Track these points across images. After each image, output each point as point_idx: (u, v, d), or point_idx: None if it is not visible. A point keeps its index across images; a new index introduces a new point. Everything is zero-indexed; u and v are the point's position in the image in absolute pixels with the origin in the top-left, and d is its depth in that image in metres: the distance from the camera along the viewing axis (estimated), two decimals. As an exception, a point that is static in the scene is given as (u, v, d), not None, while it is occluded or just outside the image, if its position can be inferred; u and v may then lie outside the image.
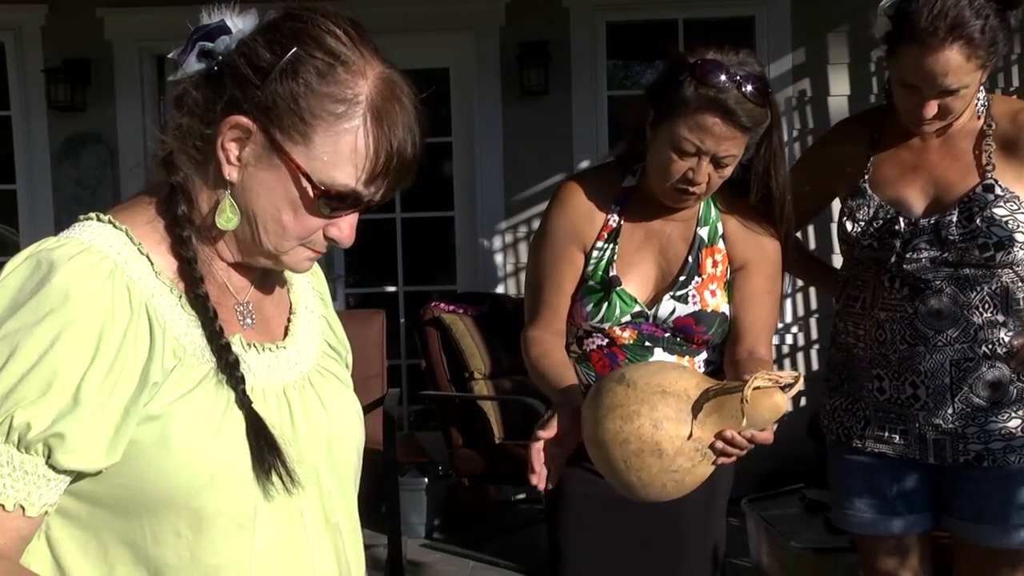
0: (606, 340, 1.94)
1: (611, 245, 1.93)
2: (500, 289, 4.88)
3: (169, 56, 1.06)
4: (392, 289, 5.31)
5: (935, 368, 1.98)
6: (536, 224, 4.74)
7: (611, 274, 1.91)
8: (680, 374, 1.55)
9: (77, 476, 0.95)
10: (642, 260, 1.94)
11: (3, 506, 0.90)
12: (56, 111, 4.79)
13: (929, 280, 1.97)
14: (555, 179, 4.57)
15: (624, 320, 1.91)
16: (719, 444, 1.52)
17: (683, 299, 1.90)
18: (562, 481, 1.75)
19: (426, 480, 4.45)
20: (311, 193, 1.02)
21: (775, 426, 1.57)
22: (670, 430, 1.49)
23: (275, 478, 1.02)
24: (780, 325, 4.79)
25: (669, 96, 1.78)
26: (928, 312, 1.97)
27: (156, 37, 4.83)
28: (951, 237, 1.95)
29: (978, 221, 1.93)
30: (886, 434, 2.07)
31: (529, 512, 4.66)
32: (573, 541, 1.98)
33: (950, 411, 1.99)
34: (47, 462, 0.91)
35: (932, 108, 1.91)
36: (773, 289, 1.95)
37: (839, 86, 4.76)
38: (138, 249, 1.01)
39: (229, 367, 1.02)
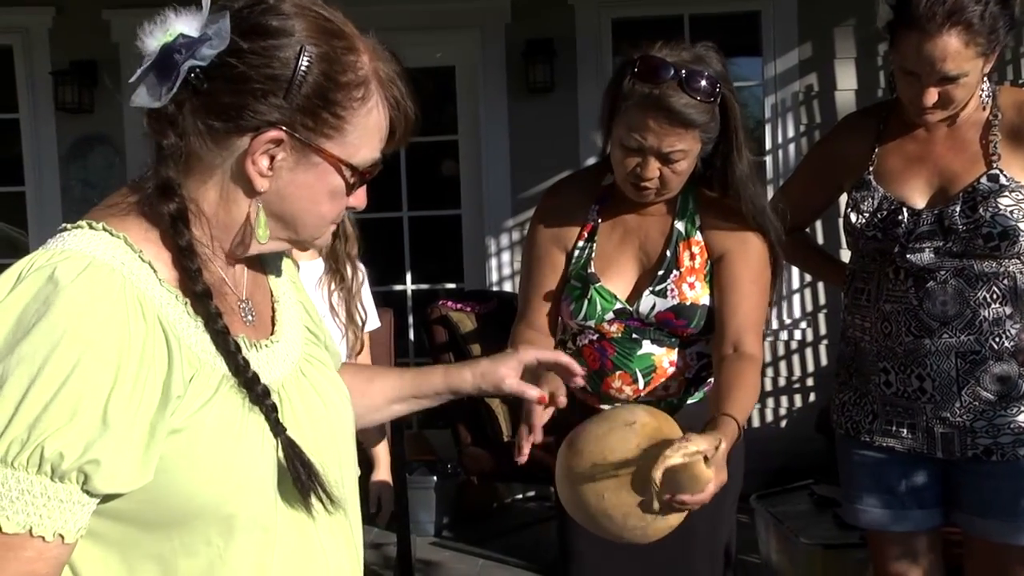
0: (596, 335, 1.97)
1: (590, 244, 1.98)
2: (508, 287, 4.88)
3: (132, 81, 1.00)
4: (400, 287, 5.31)
5: (941, 361, 1.97)
6: (543, 221, 4.74)
7: (590, 271, 1.95)
8: (623, 436, 1.59)
9: (105, 497, 0.92)
10: (622, 256, 1.96)
11: (43, 537, 0.88)
12: (64, 113, 4.79)
13: (934, 271, 1.96)
14: (562, 176, 4.55)
15: (608, 317, 1.93)
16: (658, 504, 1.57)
17: (662, 293, 1.91)
18: None
19: (435, 478, 4.46)
20: (350, 178, 1.04)
21: (716, 483, 1.60)
22: (612, 499, 1.56)
23: (313, 499, 1.03)
24: (788, 321, 4.78)
25: (615, 94, 1.82)
26: (933, 304, 1.97)
27: (162, 38, 4.84)
28: (955, 227, 1.94)
29: (982, 211, 1.93)
30: (893, 428, 2.06)
31: (538, 510, 4.65)
32: (583, 539, 1.98)
33: (957, 404, 1.98)
34: (82, 488, 0.89)
35: (932, 96, 1.91)
36: (756, 279, 1.92)
37: (846, 80, 4.74)
38: (139, 257, 0.98)
39: (255, 392, 1.00)
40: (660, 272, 1.92)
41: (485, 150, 4.87)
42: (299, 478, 1.01)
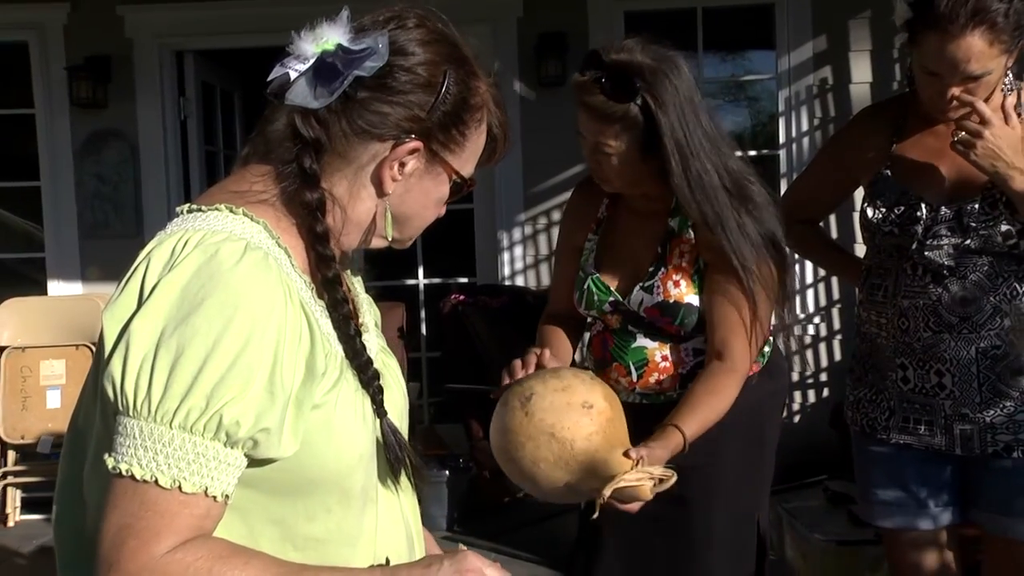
0: (602, 326, 2.03)
1: (596, 237, 2.05)
2: (520, 281, 4.88)
3: (272, 78, 1.09)
4: (412, 282, 5.31)
5: (961, 356, 1.96)
6: (555, 216, 4.73)
7: (587, 263, 2.02)
8: (578, 419, 1.58)
9: (251, 462, 1.00)
10: (620, 250, 2.01)
11: (214, 497, 0.96)
12: (78, 108, 4.82)
13: (953, 267, 1.95)
14: (574, 171, 4.55)
15: (605, 308, 1.98)
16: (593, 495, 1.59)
17: (650, 290, 1.93)
18: None
19: (447, 473, 4.46)
20: (459, 188, 1.17)
21: (649, 498, 1.60)
22: (546, 471, 1.58)
23: (402, 475, 1.16)
24: (802, 315, 4.76)
25: None
26: (952, 299, 1.95)
27: (175, 34, 4.86)
28: (973, 224, 1.93)
29: (1002, 207, 1.91)
30: (911, 425, 2.05)
31: (550, 504, 4.65)
32: (605, 529, 1.99)
33: (977, 400, 1.97)
34: (246, 453, 0.97)
35: (955, 95, 1.89)
36: (744, 287, 1.85)
37: (861, 73, 4.70)
38: (277, 243, 1.06)
39: (367, 375, 1.11)
40: (650, 268, 1.95)
41: (512, 140, 4.87)
42: (396, 456, 1.13)
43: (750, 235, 1.85)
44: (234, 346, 0.95)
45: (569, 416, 1.58)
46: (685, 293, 1.91)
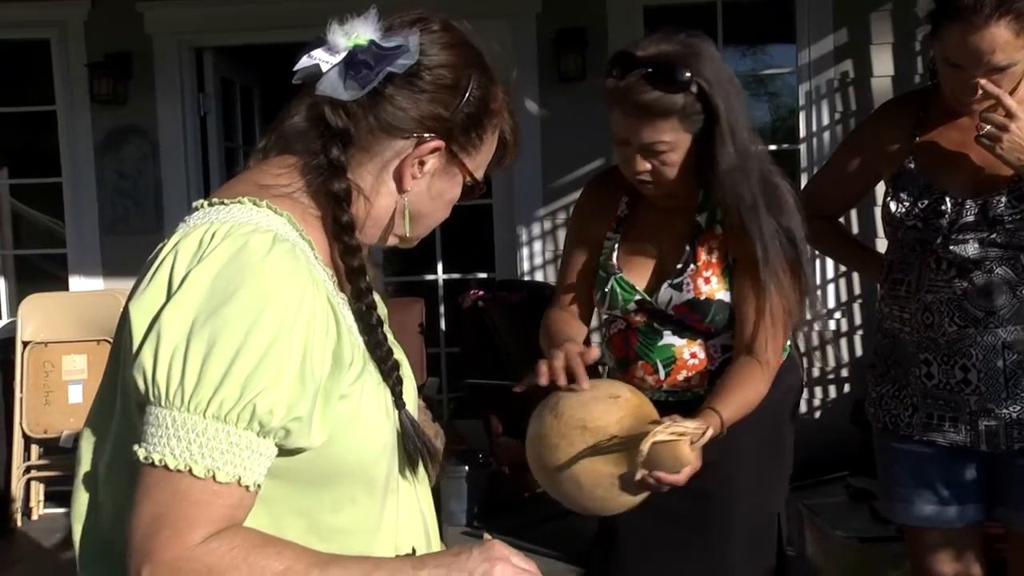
0: (624, 324, 1.99)
1: (617, 235, 2.01)
2: (539, 276, 4.87)
3: (298, 68, 1.11)
4: (431, 277, 5.32)
5: (987, 351, 1.94)
6: (574, 211, 4.72)
7: (611, 263, 1.98)
8: (607, 408, 1.60)
9: (281, 452, 1.01)
10: (645, 249, 1.98)
11: (247, 487, 0.96)
12: (99, 104, 4.84)
13: (978, 261, 1.93)
14: (593, 165, 4.54)
15: (630, 307, 1.95)
16: (635, 479, 1.59)
17: (679, 287, 1.91)
18: None
19: (466, 468, 4.46)
20: (470, 191, 1.19)
21: (691, 468, 1.61)
22: (585, 466, 1.57)
23: (420, 466, 1.18)
24: (822, 311, 4.73)
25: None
26: (978, 293, 1.93)
27: (195, 30, 4.87)
28: (999, 218, 1.90)
29: (1030, 201, 1.89)
30: (935, 421, 2.03)
31: (570, 500, 4.65)
32: (623, 530, 1.98)
33: (1003, 395, 1.94)
34: (277, 443, 0.98)
35: (979, 86, 1.86)
36: (770, 280, 1.85)
37: (882, 66, 4.66)
38: (300, 235, 1.07)
39: (388, 366, 1.13)
40: (679, 265, 1.92)
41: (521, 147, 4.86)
42: (415, 448, 1.15)
43: (780, 228, 1.85)
44: (266, 337, 0.95)
45: (597, 407, 1.60)
46: (716, 290, 1.90)
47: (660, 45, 1.79)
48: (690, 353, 1.94)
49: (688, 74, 1.76)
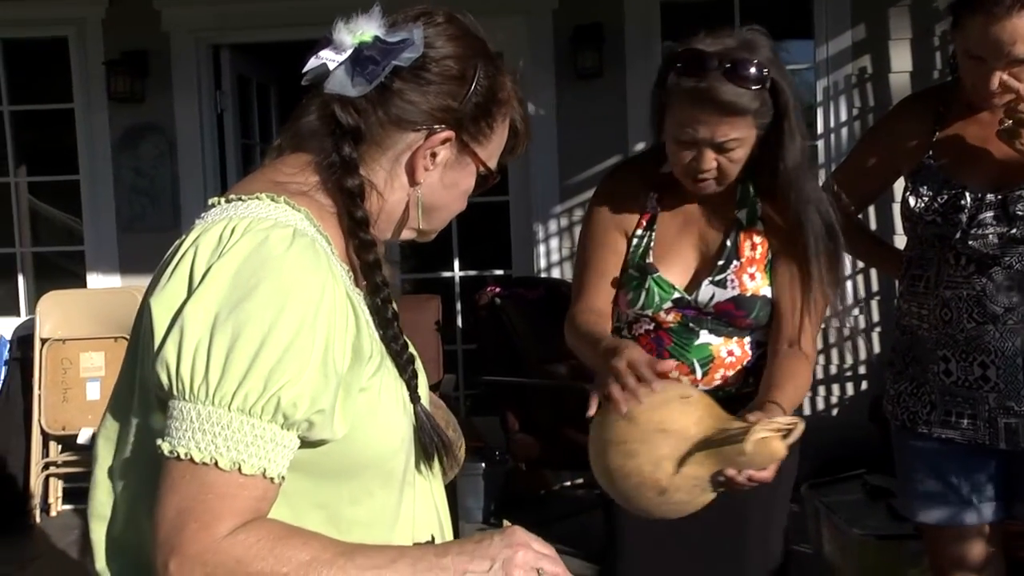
0: (652, 324, 1.95)
1: (649, 233, 1.96)
2: (556, 273, 4.86)
3: (308, 68, 1.12)
4: (448, 274, 5.32)
5: (1006, 347, 1.92)
6: (591, 208, 4.71)
7: (647, 261, 1.93)
8: (683, 409, 1.56)
9: (304, 444, 1.02)
10: (681, 246, 1.94)
11: (272, 479, 0.97)
12: (116, 102, 4.86)
13: (998, 256, 1.91)
14: (610, 162, 4.52)
15: (666, 306, 1.91)
16: (721, 478, 1.57)
17: (722, 284, 1.89)
18: None
19: (483, 465, 4.46)
20: (484, 181, 1.20)
21: (776, 465, 1.59)
22: (668, 469, 1.53)
23: (436, 462, 1.19)
24: (841, 306, 4.70)
25: (663, 90, 1.82)
26: (997, 289, 1.92)
27: (212, 28, 4.89)
28: (1020, 213, 1.89)
29: (1051, 196, 1.87)
30: (953, 419, 2.02)
31: (586, 497, 4.64)
32: (632, 530, 1.97)
33: (1023, 392, 1.93)
34: (300, 435, 0.99)
35: (999, 80, 1.85)
36: (813, 274, 1.86)
37: (901, 62, 4.63)
38: (318, 230, 1.08)
39: (403, 359, 1.13)
40: (720, 262, 1.90)
41: (532, 136, 4.85)
42: (432, 442, 1.16)
43: (823, 220, 1.85)
44: (289, 330, 0.96)
45: (672, 408, 1.56)
46: (760, 286, 1.88)
47: (724, 41, 1.75)
48: (727, 351, 1.92)
49: (765, 70, 1.74)
